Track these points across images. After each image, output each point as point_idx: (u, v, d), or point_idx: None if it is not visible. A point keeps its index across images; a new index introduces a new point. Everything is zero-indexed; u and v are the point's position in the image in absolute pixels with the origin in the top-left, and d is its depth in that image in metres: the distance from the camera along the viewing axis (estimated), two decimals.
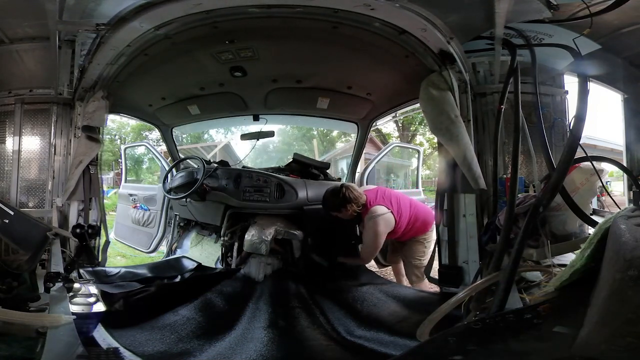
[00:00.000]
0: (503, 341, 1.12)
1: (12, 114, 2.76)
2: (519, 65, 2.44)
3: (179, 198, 3.34)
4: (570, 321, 1.08)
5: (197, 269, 3.14)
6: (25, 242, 2.19)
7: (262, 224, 3.08)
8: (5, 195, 2.72)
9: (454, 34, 2.46)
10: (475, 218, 2.57)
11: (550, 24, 2.48)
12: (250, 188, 3.16)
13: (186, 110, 3.89)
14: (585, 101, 1.92)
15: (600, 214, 2.79)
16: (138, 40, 2.55)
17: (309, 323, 2.18)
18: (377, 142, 12.92)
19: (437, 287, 2.71)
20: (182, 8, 2.31)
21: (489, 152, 2.67)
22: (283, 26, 2.55)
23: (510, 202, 2.01)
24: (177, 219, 4.18)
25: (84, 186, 2.77)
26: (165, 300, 2.38)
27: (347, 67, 3.22)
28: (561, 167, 1.72)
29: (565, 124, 2.68)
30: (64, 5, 2.28)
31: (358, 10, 2.30)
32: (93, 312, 1.70)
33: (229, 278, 2.85)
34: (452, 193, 2.64)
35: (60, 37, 2.50)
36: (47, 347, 1.27)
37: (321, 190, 3.33)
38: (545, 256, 1.98)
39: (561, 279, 1.30)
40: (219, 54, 2.97)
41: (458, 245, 2.61)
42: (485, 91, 2.72)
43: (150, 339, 1.93)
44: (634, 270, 0.82)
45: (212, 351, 1.89)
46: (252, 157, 9.12)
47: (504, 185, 2.53)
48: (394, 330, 2.10)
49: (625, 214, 1.12)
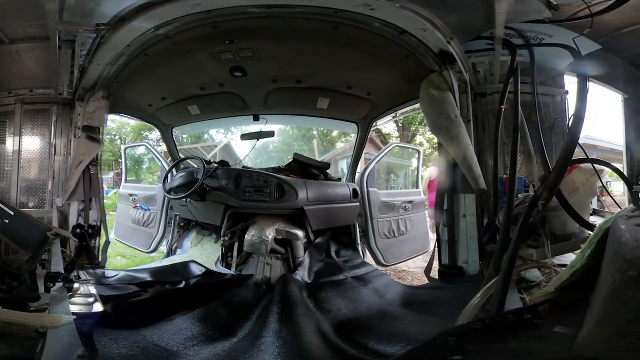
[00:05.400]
0: (503, 341, 1.12)
1: (12, 114, 2.76)
2: (519, 65, 2.44)
3: (179, 198, 3.34)
4: (570, 321, 1.09)
5: (204, 275, 2.93)
6: (25, 242, 2.19)
7: (262, 224, 3.07)
8: (5, 195, 2.72)
9: (454, 34, 2.46)
10: (475, 218, 2.58)
11: (550, 24, 2.48)
12: (250, 188, 3.16)
13: (186, 110, 3.89)
14: (584, 101, 1.92)
15: (600, 214, 2.79)
16: (138, 40, 2.55)
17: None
18: (377, 142, 12.91)
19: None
20: (182, 8, 2.31)
21: (489, 152, 2.67)
22: (283, 26, 2.55)
23: (509, 202, 2.01)
24: (177, 219, 4.17)
25: (84, 186, 2.77)
26: (161, 306, 2.25)
27: (347, 67, 3.22)
28: (559, 166, 1.72)
29: (565, 124, 2.69)
30: (64, 5, 2.28)
31: (358, 10, 2.30)
32: (93, 312, 1.70)
33: (236, 286, 2.65)
34: (452, 193, 2.64)
35: (60, 37, 2.50)
36: (47, 347, 1.27)
37: (321, 190, 3.32)
38: (545, 256, 1.99)
39: (561, 279, 1.30)
40: (219, 54, 2.96)
41: (458, 245, 2.61)
42: (485, 91, 2.73)
43: (130, 350, 1.76)
44: (634, 270, 0.82)
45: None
46: (252, 157, 9.11)
47: (504, 185, 2.53)
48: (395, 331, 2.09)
49: (625, 214, 1.13)
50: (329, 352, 1.86)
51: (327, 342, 1.95)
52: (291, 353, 1.80)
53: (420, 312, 2.28)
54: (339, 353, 1.87)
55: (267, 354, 1.78)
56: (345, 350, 1.89)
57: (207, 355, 1.85)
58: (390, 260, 3.86)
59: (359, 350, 1.89)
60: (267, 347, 1.83)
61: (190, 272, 3.05)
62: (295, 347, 1.84)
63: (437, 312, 2.19)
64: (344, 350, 1.89)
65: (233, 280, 2.78)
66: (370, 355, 1.83)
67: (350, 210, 3.59)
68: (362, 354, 1.85)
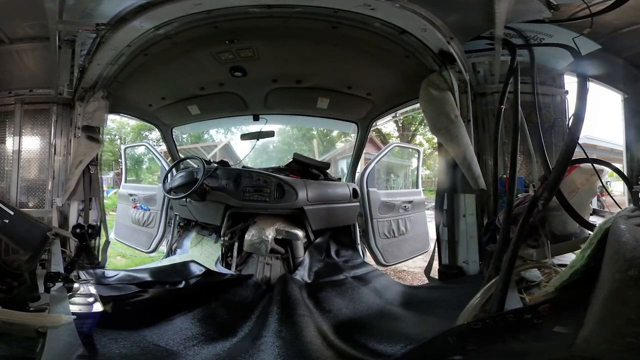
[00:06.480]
0: (503, 341, 1.12)
1: (12, 114, 2.77)
2: (519, 65, 2.45)
3: (179, 198, 3.34)
4: (570, 321, 1.09)
5: (204, 275, 2.94)
6: (25, 242, 2.19)
7: (262, 224, 3.07)
8: (5, 195, 2.72)
9: (454, 34, 2.46)
10: (475, 218, 2.58)
11: (550, 24, 2.48)
12: (250, 188, 3.16)
13: (186, 110, 3.89)
14: (584, 101, 1.92)
15: (600, 214, 2.79)
16: (138, 40, 2.55)
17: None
18: (377, 142, 12.92)
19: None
20: (182, 8, 2.31)
21: (489, 152, 2.67)
22: (283, 26, 2.55)
23: (509, 202, 2.01)
24: (177, 219, 4.17)
25: (84, 186, 2.77)
26: (161, 306, 2.24)
27: (347, 67, 3.22)
28: (559, 166, 1.72)
29: (566, 123, 2.69)
30: (64, 5, 2.28)
31: (358, 10, 2.30)
32: (93, 312, 1.70)
33: (236, 286, 2.65)
34: (452, 193, 2.64)
35: (60, 37, 2.51)
36: (47, 347, 1.27)
37: (321, 190, 3.32)
38: (545, 256, 1.99)
39: (561, 279, 1.30)
40: (219, 54, 2.96)
41: (458, 245, 2.61)
42: (485, 91, 2.73)
43: (130, 350, 1.75)
44: (634, 270, 0.82)
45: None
46: (252, 157, 9.12)
47: (504, 185, 2.54)
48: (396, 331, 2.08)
49: (625, 214, 1.13)
50: (329, 352, 1.86)
51: (327, 342, 1.94)
52: (291, 353, 1.79)
53: (420, 312, 2.28)
54: (339, 353, 1.87)
55: (267, 354, 1.77)
56: (345, 350, 1.89)
57: (207, 355, 1.84)
58: (390, 260, 3.86)
59: (359, 350, 1.89)
60: (267, 347, 1.82)
61: (190, 272, 3.04)
62: (295, 347, 1.84)
63: (437, 312, 2.19)
64: (344, 350, 1.89)
65: (233, 280, 2.78)
66: (370, 355, 1.83)
67: (350, 210, 3.59)
68: (362, 354, 1.84)
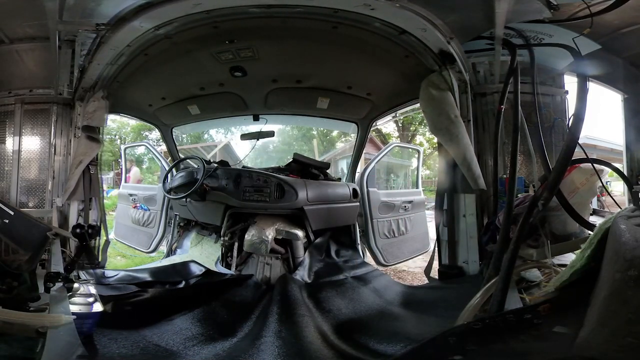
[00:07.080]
0: (503, 341, 1.12)
1: (12, 114, 2.77)
2: (519, 65, 2.45)
3: (179, 198, 3.34)
4: (570, 321, 1.08)
5: (204, 275, 2.94)
6: (25, 242, 2.19)
7: (262, 224, 3.07)
8: (5, 195, 2.72)
9: (454, 34, 2.46)
10: (475, 218, 2.58)
11: (550, 24, 2.48)
12: (250, 188, 3.16)
13: (186, 110, 3.89)
14: (584, 101, 1.92)
15: (600, 214, 2.79)
16: (138, 40, 2.55)
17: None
18: (377, 142, 12.92)
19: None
20: (182, 8, 2.31)
21: (489, 152, 2.67)
22: (283, 26, 2.55)
23: (509, 202, 2.01)
24: (177, 219, 4.17)
25: (84, 186, 2.77)
26: (161, 306, 2.24)
27: (347, 67, 3.22)
28: (559, 166, 1.72)
29: (566, 123, 2.69)
30: (64, 5, 2.28)
31: (358, 10, 2.30)
32: (93, 312, 1.70)
33: (236, 286, 2.64)
34: (452, 193, 2.64)
35: (60, 37, 2.51)
36: (47, 347, 1.27)
37: (321, 190, 3.32)
38: (545, 256, 1.99)
39: (561, 279, 1.30)
40: (219, 54, 2.96)
41: (458, 245, 2.61)
42: (485, 91, 2.73)
43: (130, 350, 1.74)
44: (634, 270, 0.82)
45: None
46: (252, 157, 9.11)
47: (504, 185, 2.54)
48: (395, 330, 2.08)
49: (625, 214, 1.13)
50: (329, 352, 1.86)
51: (327, 342, 1.94)
52: (291, 353, 1.79)
53: (420, 312, 2.27)
54: (339, 353, 1.87)
55: (267, 354, 1.77)
56: (345, 350, 1.89)
57: (207, 355, 1.84)
58: (390, 260, 3.86)
59: (359, 350, 1.89)
60: (267, 347, 1.82)
61: (190, 272, 3.04)
62: (295, 347, 1.84)
63: (437, 312, 2.18)
64: (344, 350, 1.89)
65: (233, 280, 2.77)
66: (370, 355, 1.83)
67: (350, 210, 3.59)
68: (362, 354, 1.84)
